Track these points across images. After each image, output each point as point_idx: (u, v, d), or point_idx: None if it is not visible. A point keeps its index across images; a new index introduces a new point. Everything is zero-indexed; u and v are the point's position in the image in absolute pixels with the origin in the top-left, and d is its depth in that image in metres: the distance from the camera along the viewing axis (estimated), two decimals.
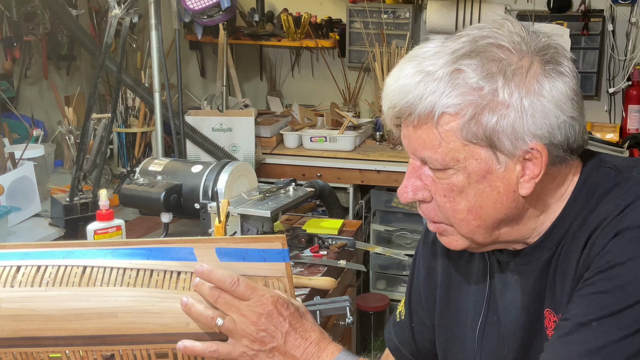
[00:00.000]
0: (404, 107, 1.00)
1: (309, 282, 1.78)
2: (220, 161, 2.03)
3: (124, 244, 1.13)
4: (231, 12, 2.49)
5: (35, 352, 1.04)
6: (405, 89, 0.99)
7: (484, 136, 0.97)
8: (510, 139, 0.97)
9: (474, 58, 0.97)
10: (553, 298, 1.05)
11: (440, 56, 0.99)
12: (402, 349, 1.36)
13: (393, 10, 3.47)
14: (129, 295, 1.06)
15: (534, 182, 1.00)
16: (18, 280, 1.06)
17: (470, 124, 0.96)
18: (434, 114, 0.97)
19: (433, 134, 0.99)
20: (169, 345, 1.05)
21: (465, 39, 1.00)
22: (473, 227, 1.03)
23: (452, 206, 1.02)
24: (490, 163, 0.99)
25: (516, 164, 0.99)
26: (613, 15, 3.33)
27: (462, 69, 0.97)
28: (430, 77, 0.98)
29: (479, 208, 1.01)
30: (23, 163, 2.34)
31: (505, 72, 0.97)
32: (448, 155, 0.99)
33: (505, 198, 1.01)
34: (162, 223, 2.03)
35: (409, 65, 1.01)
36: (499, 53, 0.98)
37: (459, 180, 1.00)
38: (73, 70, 3.23)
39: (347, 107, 3.54)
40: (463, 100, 0.96)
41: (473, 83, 0.96)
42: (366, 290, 3.34)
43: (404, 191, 1.05)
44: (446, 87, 0.97)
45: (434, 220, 1.07)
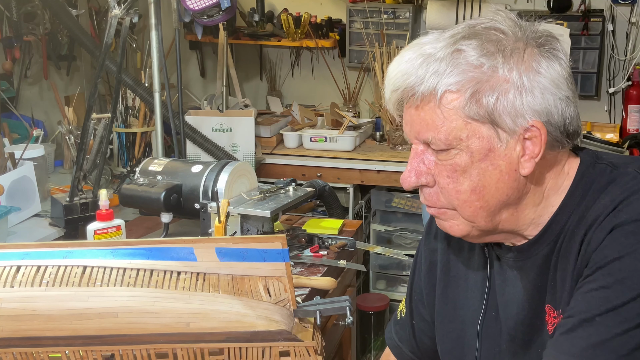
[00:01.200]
0: (406, 88, 1.02)
1: (309, 282, 1.78)
2: (220, 161, 2.03)
3: (124, 244, 1.13)
4: (231, 12, 2.49)
5: (35, 352, 1.04)
6: (408, 71, 1.02)
7: (486, 112, 0.99)
8: (510, 115, 0.99)
9: (472, 39, 1.00)
10: (554, 294, 1.06)
11: (439, 40, 1.02)
12: (402, 346, 1.37)
13: (393, 10, 3.48)
14: (129, 295, 1.06)
15: (534, 162, 1.01)
16: (18, 280, 1.07)
17: (472, 101, 0.99)
18: (436, 93, 0.99)
19: (436, 113, 1.00)
20: (169, 345, 1.05)
21: (462, 26, 1.04)
22: (476, 209, 1.04)
23: (456, 187, 1.03)
24: (492, 141, 1.00)
25: (517, 143, 1.01)
26: (613, 15, 3.34)
27: (462, 48, 1.00)
28: (432, 58, 1.00)
29: (482, 188, 1.02)
30: (23, 163, 2.34)
31: (504, 51, 1.00)
32: (451, 135, 1.00)
33: (507, 177, 1.02)
34: (162, 223, 2.03)
35: (410, 51, 1.04)
36: (497, 34, 1.01)
37: (462, 160, 1.01)
38: (73, 70, 3.23)
39: (347, 107, 3.55)
40: (464, 77, 0.99)
41: (473, 60, 0.99)
42: (366, 290, 3.34)
43: (407, 176, 1.06)
44: (447, 66, 0.99)
45: (435, 206, 1.07)
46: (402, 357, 1.38)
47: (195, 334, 1.05)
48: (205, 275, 1.11)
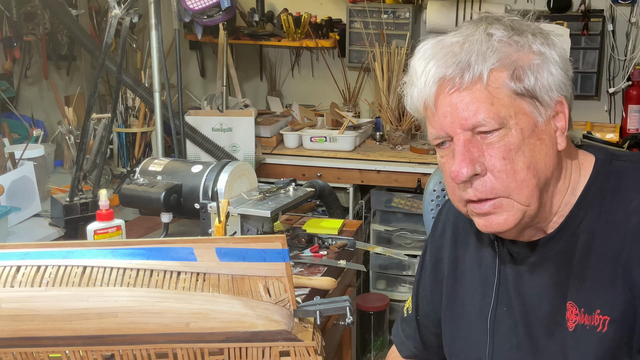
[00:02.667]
0: (452, 73, 1.04)
1: (309, 282, 1.78)
2: (220, 161, 2.03)
3: (124, 244, 1.13)
4: (231, 12, 2.49)
5: (35, 352, 1.04)
6: (448, 58, 1.04)
7: (529, 87, 1.03)
8: (545, 89, 1.04)
9: (497, 24, 1.05)
10: (578, 291, 1.06)
11: (463, 30, 1.07)
12: (407, 343, 1.37)
13: (393, 10, 3.48)
14: (129, 295, 1.06)
15: (564, 136, 1.07)
16: (18, 280, 1.07)
17: (514, 77, 1.03)
18: (483, 74, 1.02)
19: (484, 94, 1.03)
20: (169, 345, 1.06)
21: (467, 24, 1.08)
22: (532, 187, 1.05)
23: (513, 167, 1.04)
24: (535, 116, 1.04)
25: (550, 119, 1.06)
26: (613, 15, 3.33)
27: (492, 32, 1.04)
28: (469, 41, 1.04)
29: (535, 163, 1.04)
30: (23, 163, 2.34)
31: (531, 31, 1.06)
32: (501, 113, 1.03)
33: (551, 151, 1.06)
34: (162, 223, 2.03)
35: (431, 47, 1.07)
36: (511, 19, 1.07)
37: (514, 138, 1.03)
38: (73, 70, 3.23)
39: (347, 107, 3.55)
40: (505, 54, 1.03)
41: (508, 39, 1.04)
42: (366, 290, 3.34)
43: (460, 167, 1.04)
44: (487, 47, 1.03)
45: (489, 197, 1.06)
46: (407, 353, 1.39)
47: (195, 334, 1.05)
48: (205, 275, 1.11)
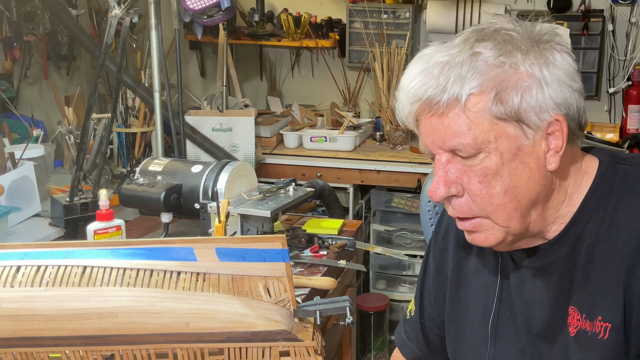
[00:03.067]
0: (430, 97, 1.00)
1: (309, 282, 1.78)
2: (220, 161, 2.03)
3: (124, 244, 1.13)
4: (231, 12, 2.49)
5: (35, 352, 1.04)
6: (427, 81, 1.00)
7: (512, 111, 0.98)
8: (534, 111, 0.99)
9: (486, 41, 1.00)
10: (582, 298, 1.05)
11: (450, 48, 1.02)
12: (411, 345, 1.37)
13: (393, 10, 3.47)
14: (129, 295, 1.06)
15: (559, 156, 1.02)
16: (18, 280, 1.07)
17: (497, 101, 0.98)
18: (460, 98, 0.98)
19: (461, 119, 0.99)
20: (169, 345, 1.06)
21: (468, 33, 1.04)
22: (510, 211, 1.03)
23: (488, 191, 1.02)
24: (519, 139, 1.00)
25: (542, 139, 1.01)
26: (613, 15, 3.34)
27: (478, 51, 0.99)
28: (450, 64, 1.00)
29: (514, 188, 1.02)
30: (23, 163, 2.34)
31: (520, 48, 1.00)
32: (479, 138, 0.99)
33: (536, 174, 1.02)
34: (162, 223, 2.03)
35: (419, 63, 1.03)
36: (508, 33, 1.01)
37: (492, 163, 1.01)
38: (73, 70, 3.23)
39: (347, 107, 3.54)
40: (487, 78, 0.98)
41: (493, 60, 0.99)
42: (366, 290, 3.34)
43: (436, 187, 1.04)
44: (468, 69, 0.98)
45: (467, 216, 1.06)
46: (411, 356, 1.38)
47: (195, 334, 1.05)
48: (205, 275, 1.11)
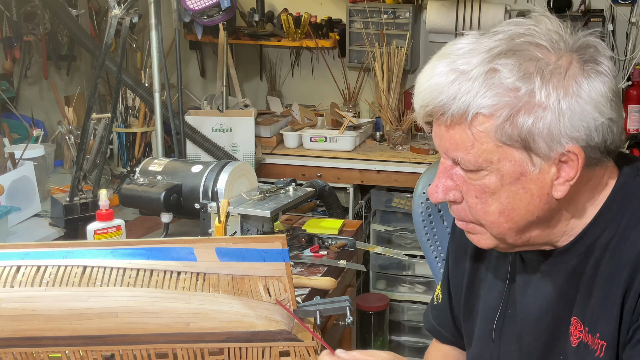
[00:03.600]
0: (436, 106, 0.97)
1: (309, 282, 1.78)
2: (220, 161, 2.03)
3: (124, 244, 1.13)
4: (231, 12, 2.49)
5: (35, 352, 1.04)
6: (438, 87, 0.97)
7: (519, 138, 0.95)
8: (546, 141, 0.94)
9: (510, 57, 0.94)
10: (584, 309, 1.03)
11: (474, 54, 0.96)
12: (442, 330, 1.36)
13: (393, 10, 3.47)
14: (129, 295, 1.06)
15: (569, 185, 0.97)
16: (18, 280, 1.07)
17: (505, 126, 0.94)
18: (467, 115, 0.95)
19: (466, 134, 0.97)
20: (169, 345, 1.06)
21: (502, 36, 0.97)
22: (504, 229, 1.01)
23: (484, 207, 1.00)
24: (525, 165, 0.96)
25: (551, 166, 0.97)
26: (613, 15, 3.33)
27: (497, 68, 0.94)
28: (465, 76, 0.95)
29: (510, 210, 0.99)
30: (23, 163, 2.34)
31: (543, 72, 0.94)
32: (481, 157, 0.97)
33: (538, 201, 0.99)
34: (162, 223, 2.03)
35: (442, 63, 0.99)
36: (537, 52, 0.95)
37: (491, 182, 0.98)
38: (73, 70, 3.23)
39: (347, 107, 3.54)
40: (498, 101, 0.94)
41: (509, 84, 0.94)
42: (366, 290, 3.34)
43: (435, 191, 1.04)
44: (481, 87, 0.94)
45: (464, 220, 1.05)
46: (446, 341, 1.37)
47: (195, 334, 1.05)
48: (205, 275, 1.11)
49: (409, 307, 3.25)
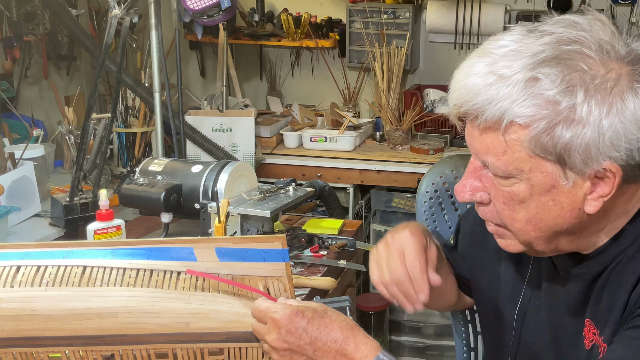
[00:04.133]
0: (471, 108, 0.94)
1: (309, 282, 1.78)
2: (220, 161, 2.03)
3: (124, 244, 1.13)
4: (231, 12, 2.49)
5: (35, 352, 1.04)
6: (475, 89, 0.93)
7: (554, 152, 0.91)
8: (582, 157, 0.90)
9: (554, 67, 0.89)
10: (596, 311, 1.02)
11: (517, 58, 0.92)
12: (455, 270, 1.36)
13: (393, 10, 3.47)
14: (129, 295, 1.06)
15: (603, 201, 0.94)
16: (18, 280, 1.07)
17: (541, 138, 0.90)
18: (502, 121, 0.91)
19: (498, 140, 0.93)
20: (169, 345, 1.05)
21: (549, 40, 0.92)
22: (531, 237, 0.99)
23: (511, 214, 0.98)
24: (557, 178, 0.93)
25: (585, 181, 0.93)
26: (613, 15, 3.33)
27: (539, 77, 0.89)
28: (504, 81, 0.91)
29: (538, 220, 0.97)
30: (23, 163, 2.34)
31: (587, 87, 0.89)
32: (512, 165, 0.94)
33: (568, 214, 0.95)
34: (162, 223, 2.03)
35: (482, 62, 0.94)
36: (583, 63, 0.90)
37: (520, 190, 0.95)
38: (73, 70, 3.23)
39: (347, 107, 3.54)
40: (536, 113, 0.89)
41: (550, 96, 0.89)
42: (366, 290, 3.34)
43: (462, 190, 1.01)
44: (520, 94, 0.89)
45: (493, 222, 1.03)
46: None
47: (195, 334, 1.05)
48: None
49: None
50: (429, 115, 3.38)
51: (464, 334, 1.59)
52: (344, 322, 1.04)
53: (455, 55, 3.58)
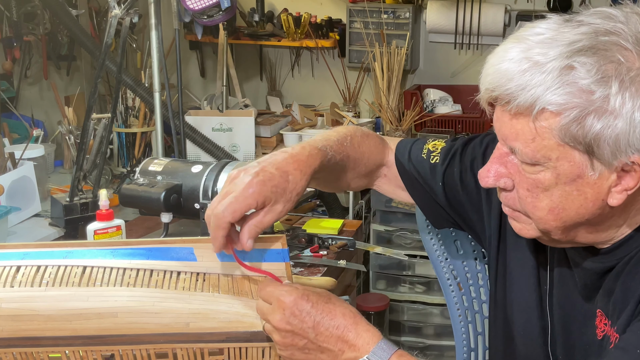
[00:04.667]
0: (503, 93, 0.93)
1: (309, 282, 1.78)
2: (220, 161, 2.03)
3: (124, 244, 1.13)
4: (231, 12, 2.49)
5: (35, 352, 1.04)
6: (508, 74, 0.92)
7: (583, 141, 0.91)
8: (611, 149, 0.90)
9: (590, 56, 0.89)
10: (607, 303, 1.02)
11: (553, 45, 0.91)
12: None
13: (393, 10, 3.47)
14: (129, 295, 1.06)
15: (627, 194, 0.94)
16: (18, 280, 1.06)
17: (571, 127, 0.90)
18: (533, 108, 0.91)
19: (528, 127, 0.93)
20: (169, 345, 1.05)
21: (586, 30, 0.92)
22: (551, 227, 0.99)
23: (534, 202, 0.98)
24: (584, 168, 0.93)
25: (612, 173, 0.93)
26: None
27: (575, 66, 0.89)
28: (538, 68, 0.90)
29: (561, 210, 0.97)
30: (23, 163, 2.34)
31: (623, 79, 0.89)
32: (540, 152, 0.94)
33: (591, 205, 0.96)
34: (162, 223, 2.03)
35: (517, 48, 0.94)
36: (620, 55, 0.89)
37: (546, 178, 0.95)
38: (73, 70, 3.23)
39: (347, 107, 3.54)
40: (569, 101, 0.89)
41: (584, 85, 0.89)
42: (366, 290, 3.34)
43: (486, 175, 1.01)
44: (553, 82, 0.89)
45: (512, 208, 1.03)
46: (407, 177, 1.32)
47: (195, 334, 1.05)
48: (205, 276, 1.11)
49: (409, 307, 3.25)
50: (429, 115, 3.38)
51: (464, 334, 1.59)
52: (347, 309, 1.04)
53: (455, 55, 3.58)
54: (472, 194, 1.25)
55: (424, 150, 1.30)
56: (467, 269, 1.52)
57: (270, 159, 1.08)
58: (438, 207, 1.30)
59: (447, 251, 1.51)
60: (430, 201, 1.31)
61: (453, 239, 1.50)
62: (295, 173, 1.07)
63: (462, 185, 1.25)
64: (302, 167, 1.08)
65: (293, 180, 1.07)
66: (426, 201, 1.32)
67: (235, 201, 1.03)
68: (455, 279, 1.52)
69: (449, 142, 1.30)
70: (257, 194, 1.04)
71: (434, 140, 1.32)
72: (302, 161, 1.09)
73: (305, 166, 1.09)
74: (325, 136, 1.21)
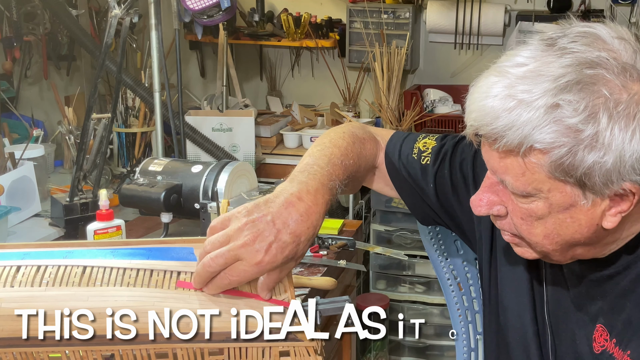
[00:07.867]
0: (489, 132, 0.92)
1: (309, 282, 1.78)
2: (220, 161, 2.03)
3: (124, 244, 1.13)
4: (231, 12, 2.49)
5: (35, 352, 1.04)
6: (493, 112, 0.91)
7: (574, 175, 0.90)
8: (602, 181, 0.89)
9: (577, 93, 0.87)
10: (611, 320, 1.02)
11: (537, 82, 0.89)
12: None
13: (393, 10, 3.48)
14: (129, 295, 1.06)
15: (621, 217, 0.93)
16: (18, 280, 1.06)
17: (561, 163, 0.89)
18: (521, 146, 0.90)
19: (517, 162, 0.92)
20: (169, 345, 1.05)
21: (570, 61, 0.89)
22: (548, 250, 0.99)
23: (528, 229, 0.98)
24: (576, 198, 0.92)
25: (604, 200, 0.92)
26: (613, 15, 3.33)
27: (561, 104, 0.87)
28: (524, 107, 0.89)
29: (555, 235, 0.96)
30: (23, 163, 2.34)
31: (611, 113, 0.87)
32: (531, 185, 0.93)
33: (586, 230, 0.95)
34: (162, 223, 2.03)
35: (499, 84, 0.92)
36: (606, 89, 0.88)
37: (539, 208, 0.95)
38: (73, 70, 3.23)
39: (347, 107, 3.55)
40: (557, 140, 0.88)
41: (572, 124, 0.87)
42: (366, 290, 3.34)
43: (478, 204, 1.01)
44: (541, 121, 0.88)
45: (510, 232, 1.03)
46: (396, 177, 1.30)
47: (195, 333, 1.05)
48: None
49: (409, 307, 3.25)
50: (429, 115, 3.38)
51: (464, 334, 1.59)
52: None
53: (455, 55, 3.59)
54: (462, 196, 1.23)
55: (415, 150, 1.28)
56: (467, 269, 1.52)
57: (285, 214, 1.00)
58: (427, 207, 1.29)
59: (447, 251, 1.51)
60: (419, 201, 1.29)
61: (453, 239, 1.50)
62: (308, 232, 1.01)
63: (453, 186, 1.24)
64: (314, 221, 1.02)
65: (305, 240, 1.02)
66: (415, 200, 1.30)
67: (240, 276, 1.01)
68: (455, 279, 1.52)
69: (439, 140, 1.28)
70: (268, 268, 1.00)
71: (425, 138, 1.29)
72: (315, 213, 1.02)
73: (318, 217, 1.03)
74: (329, 159, 1.15)
